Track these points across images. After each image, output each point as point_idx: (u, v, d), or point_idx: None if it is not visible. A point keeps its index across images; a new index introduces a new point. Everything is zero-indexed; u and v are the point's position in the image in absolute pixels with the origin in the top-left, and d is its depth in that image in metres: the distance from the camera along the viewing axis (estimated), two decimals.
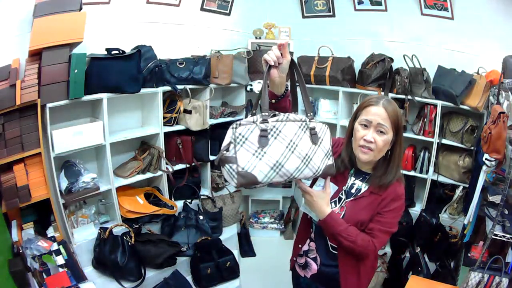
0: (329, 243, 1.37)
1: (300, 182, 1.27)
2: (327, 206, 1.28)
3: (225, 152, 1.05)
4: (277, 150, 1.06)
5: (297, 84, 1.23)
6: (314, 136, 1.14)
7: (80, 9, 2.07)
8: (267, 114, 1.07)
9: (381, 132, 1.24)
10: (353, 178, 1.37)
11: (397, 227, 1.33)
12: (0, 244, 1.79)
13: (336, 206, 1.35)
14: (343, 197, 1.36)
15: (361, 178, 1.36)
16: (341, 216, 1.31)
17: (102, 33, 2.39)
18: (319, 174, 1.17)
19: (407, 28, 2.89)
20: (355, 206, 1.32)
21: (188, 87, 2.67)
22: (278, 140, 1.06)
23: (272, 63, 1.13)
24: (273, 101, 1.23)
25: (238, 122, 1.06)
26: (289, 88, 1.24)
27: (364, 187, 1.34)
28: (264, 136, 1.05)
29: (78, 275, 1.99)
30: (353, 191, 1.35)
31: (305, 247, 1.46)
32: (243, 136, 1.04)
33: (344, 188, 1.36)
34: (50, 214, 2.14)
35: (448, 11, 2.66)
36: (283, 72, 1.17)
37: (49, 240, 2.07)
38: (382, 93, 2.77)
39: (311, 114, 1.18)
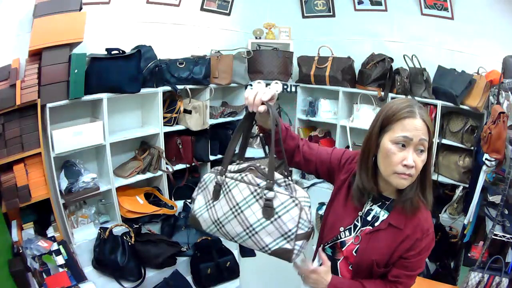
0: (340, 276, 1.17)
1: (299, 266, 1.10)
2: (329, 276, 1.10)
3: (195, 190, 1.13)
4: (222, 208, 1.04)
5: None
6: (268, 209, 0.98)
7: (80, 9, 2.07)
8: (234, 164, 1.08)
9: (421, 151, 0.99)
10: (370, 203, 1.13)
11: (424, 265, 1.16)
12: (0, 244, 1.79)
13: (350, 234, 1.13)
14: (359, 224, 1.12)
15: (379, 204, 1.11)
16: (355, 249, 1.10)
17: (102, 33, 2.39)
18: (268, 252, 1.01)
19: (407, 28, 2.89)
20: (371, 241, 1.08)
21: (188, 87, 2.67)
22: (226, 199, 1.03)
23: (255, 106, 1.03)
24: (261, 134, 1.17)
25: (216, 167, 1.10)
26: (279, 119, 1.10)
27: (382, 215, 1.10)
28: (217, 190, 1.05)
29: (78, 275, 1.99)
30: (369, 218, 1.11)
31: None
32: (205, 183, 1.10)
33: (360, 213, 1.13)
34: (50, 214, 2.14)
35: (448, 11, 2.66)
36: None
37: (49, 240, 2.07)
38: (382, 93, 2.77)
39: (286, 180, 1.01)
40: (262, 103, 1.03)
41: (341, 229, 1.14)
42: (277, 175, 1.01)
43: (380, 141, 1.03)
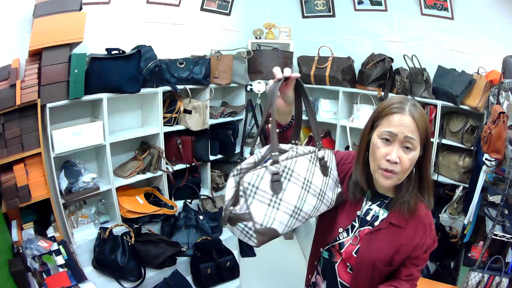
0: (339, 279, 1.14)
1: None
2: None
3: (231, 208, 0.87)
4: (293, 194, 0.92)
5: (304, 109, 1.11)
6: (324, 167, 1.01)
7: (80, 9, 2.07)
8: (277, 153, 0.90)
9: (408, 148, 0.97)
10: (369, 202, 1.11)
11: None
12: (0, 244, 1.79)
13: (348, 235, 1.11)
14: (356, 224, 1.11)
15: (378, 203, 1.10)
16: (355, 250, 1.09)
17: (102, 33, 2.39)
18: (332, 206, 1.06)
19: (407, 28, 2.89)
20: (372, 241, 1.07)
21: (188, 87, 2.67)
22: (292, 182, 0.92)
23: (281, 75, 0.96)
24: (278, 130, 1.08)
25: (239, 168, 0.89)
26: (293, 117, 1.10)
27: (382, 214, 1.08)
28: (276, 181, 0.89)
29: (78, 275, 1.99)
30: (368, 218, 1.10)
31: (313, 279, 1.28)
32: (253, 186, 0.86)
33: (358, 213, 1.11)
34: (50, 214, 2.14)
35: (448, 11, 2.66)
36: (289, 101, 1.05)
37: (49, 240, 2.07)
38: (382, 93, 2.77)
39: (320, 143, 1.05)
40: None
41: (340, 230, 1.13)
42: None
43: (370, 137, 1.03)
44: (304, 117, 1.14)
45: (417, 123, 0.96)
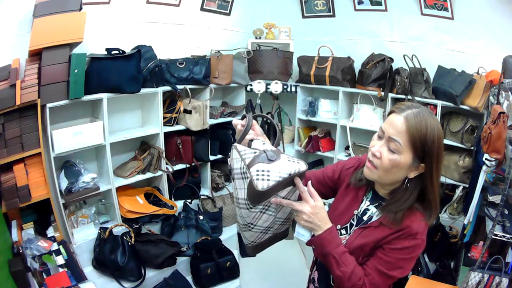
0: (331, 276, 1.14)
1: (289, 203, 1.01)
2: (328, 218, 1.06)
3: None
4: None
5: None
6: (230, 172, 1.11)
7: (80, 9, 2.07)
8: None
9: (391, 150, 0.98)
10: (367, 203, 1.14)
11: (402, 274, 1.03)
12: (0, 244, 1.79)
13: (346, 233, 1.14)
14: (354, 223, 1.14)
15: (376, 204, 1.12)
16: (344, 243, 1.10)
17: (102, 33, 2.39)
18: (246, 203, 1.00)
19: (407, 28, 2.89)
20: (359, 235, 1.09)
21: (188, 87, 2.68)
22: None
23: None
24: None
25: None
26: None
27: (376, 216, 1.10)
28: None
29: (78, 275, 2.00)
30: (365, 218, 1.12)
31: (313, 275, 1.31)
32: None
33: (356, 212, 1.14)
34: (50, 214, 2.14)
35: (448, 11, 2.66)
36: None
37: (49, 240, 2.07)
38: (382, 93, 2.77)
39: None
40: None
41: (338, 227, 1.16)
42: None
43: None
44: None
45: (409, 128, 0.95)
